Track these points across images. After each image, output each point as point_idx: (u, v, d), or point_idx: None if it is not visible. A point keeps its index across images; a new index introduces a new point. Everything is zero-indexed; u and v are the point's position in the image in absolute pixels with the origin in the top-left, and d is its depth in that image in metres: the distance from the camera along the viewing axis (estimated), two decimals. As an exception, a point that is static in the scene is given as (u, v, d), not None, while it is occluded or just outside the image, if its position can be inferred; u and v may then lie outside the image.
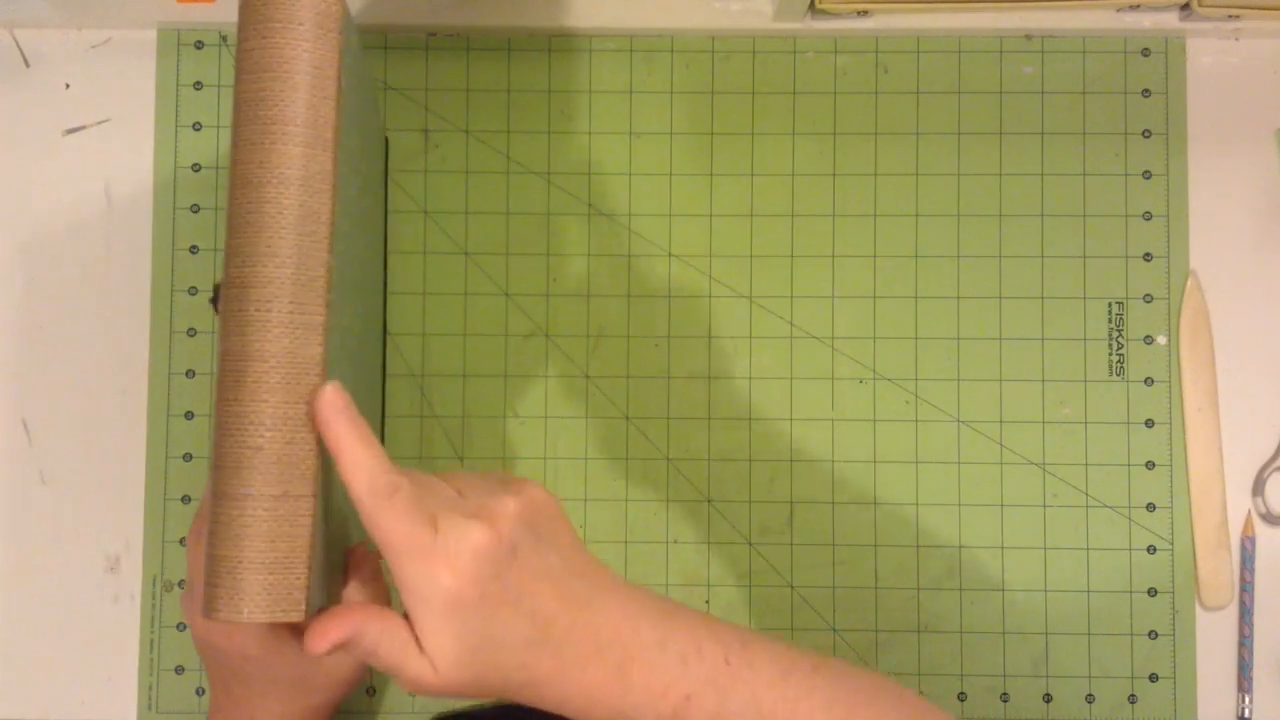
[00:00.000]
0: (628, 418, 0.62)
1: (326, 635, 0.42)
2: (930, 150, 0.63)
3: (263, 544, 0.41)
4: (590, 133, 0.63)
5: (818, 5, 0.61)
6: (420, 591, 0.41)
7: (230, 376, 0.42)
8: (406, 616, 0.42)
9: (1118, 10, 0.62)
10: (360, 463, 0.42)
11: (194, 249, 0.62)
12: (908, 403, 0.62)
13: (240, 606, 0.41)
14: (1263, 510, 0.61)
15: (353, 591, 0.47)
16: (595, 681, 0.43)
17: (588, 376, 0.62)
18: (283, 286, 0.42)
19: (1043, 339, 0.62)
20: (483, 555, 0.42)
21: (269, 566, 0.41)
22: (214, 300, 0.61)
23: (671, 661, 0.44)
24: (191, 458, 0.61)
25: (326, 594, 0.45)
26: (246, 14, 0.43)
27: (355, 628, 0.42)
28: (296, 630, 0.49)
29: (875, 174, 0.63)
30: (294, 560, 0.42)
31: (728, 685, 0.44)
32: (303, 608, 0.42)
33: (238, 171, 0.43)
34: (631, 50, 0.63)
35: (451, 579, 0.41)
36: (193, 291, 0.62)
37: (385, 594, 0.48)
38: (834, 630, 0.61)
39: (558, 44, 0.63)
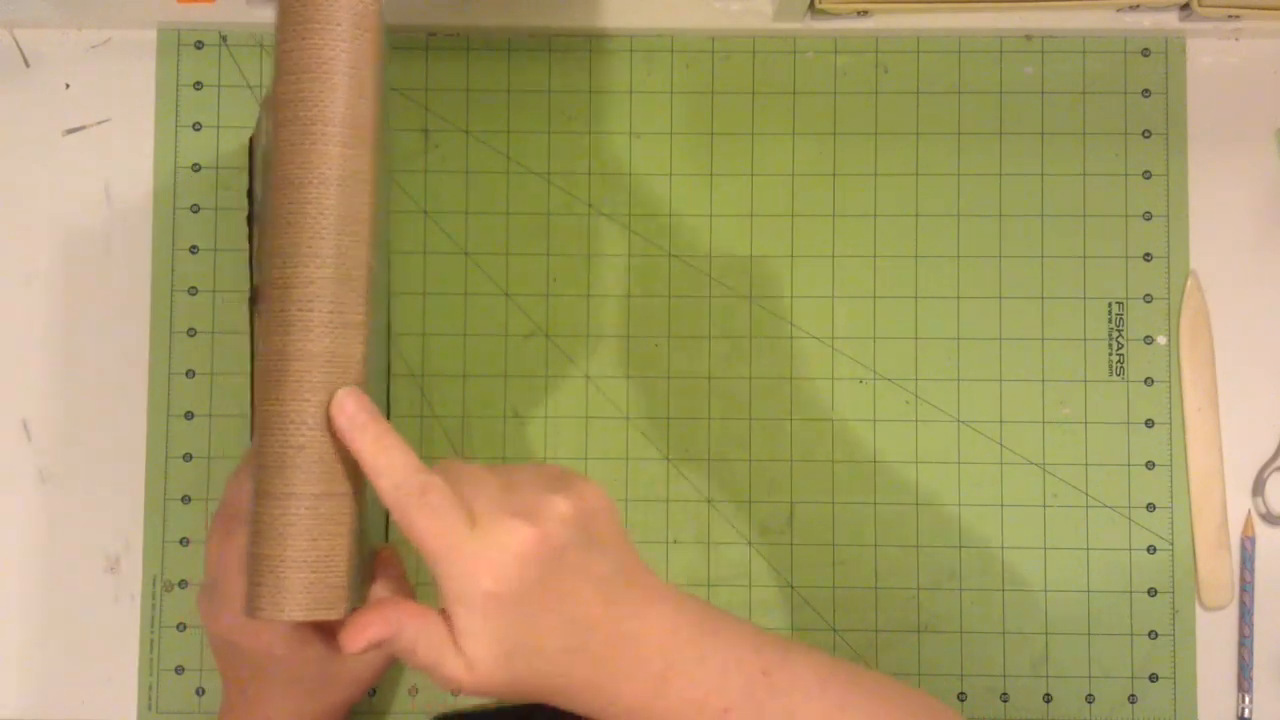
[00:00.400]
0: (628, 418, 0.62)
1: (364, 633, 0.41)
2: (930, 150, 0.63)
3: (305, 542, 0.41)
4: (590, 133, 0.63)
5: (818, 5, 0.61)
6: (458, 592, 0.40)
7: (272, 376, 0.42)
8: (443, 613, 0.41)
9: (1118, 10, 0.62)
10: (382, 465, 0.41)
11: (194, 249, 0.62)
12: (908, 403, 0.62)
13: (283, 605, 0.41)
14: (1263, 510, 0.61)
15: (379, 591, 0.47)
16: (633, 692, 0.43)
17: (588, 376, 0.62)
18: (324, 286, 0.42)
19: (1043, 339, 0.62)
20: (528, 558, 0.40)
21: (311, 565, 0.41)
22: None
23: (711, 674, 0.43)
24: (191, 458, 0.61)
25: (358, 594, 0.45)
26: (285, 15, 0.43)
27: (394, 626, 0.41)
28: (322, 629, 0.49)
29: (875, 174, 0.63)
30: (334, 558, 0.42)
31: (765, 699, 0.44)
32: (342, 605, 0.42)
33: (279, 172, 0.43)
34: (631, 50, 0.63)
35: (492, 582, 0.40)
36: (193, 291, 0.62)
37: (411, 596, 0.47)
38: (834, 630, 0.61)
39: (557, 44, 0.63)
